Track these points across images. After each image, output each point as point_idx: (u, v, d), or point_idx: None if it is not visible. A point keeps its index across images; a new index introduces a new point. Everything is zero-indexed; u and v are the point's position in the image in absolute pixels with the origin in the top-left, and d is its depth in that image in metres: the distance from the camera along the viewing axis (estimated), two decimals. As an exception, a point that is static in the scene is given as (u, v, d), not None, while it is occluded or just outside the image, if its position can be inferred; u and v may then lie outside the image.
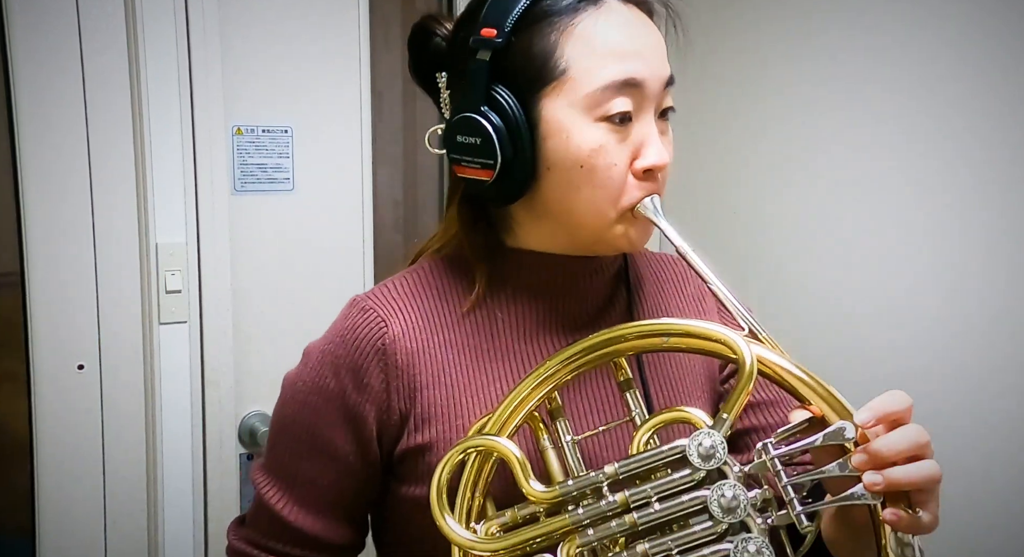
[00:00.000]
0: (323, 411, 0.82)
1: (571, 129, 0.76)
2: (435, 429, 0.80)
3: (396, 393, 0.81)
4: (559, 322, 0.84)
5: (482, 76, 0.77)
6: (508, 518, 0.73)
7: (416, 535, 0.84)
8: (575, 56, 0.76)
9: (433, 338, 0.82)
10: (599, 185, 0.77)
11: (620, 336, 0.73)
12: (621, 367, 0.76)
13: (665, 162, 0.78)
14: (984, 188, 1.52)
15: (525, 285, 0.84)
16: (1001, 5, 1.48)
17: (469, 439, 0.74)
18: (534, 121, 0.77)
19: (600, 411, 0.84)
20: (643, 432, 0.73)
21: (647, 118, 0.78)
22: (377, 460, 0.84)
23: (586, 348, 0.74)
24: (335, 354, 0.82)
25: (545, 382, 0.74)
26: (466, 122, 0.78)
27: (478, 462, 0.74)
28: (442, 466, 0.73)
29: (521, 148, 0.77)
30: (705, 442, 0.68)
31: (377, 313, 0.82)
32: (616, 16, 0.77)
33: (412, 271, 0.87)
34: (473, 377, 0.82)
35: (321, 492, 0.84)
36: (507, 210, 0.84)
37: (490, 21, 0.77)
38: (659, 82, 0.78)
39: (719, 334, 0.72)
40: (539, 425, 0.76)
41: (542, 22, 0.76)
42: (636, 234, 0.80)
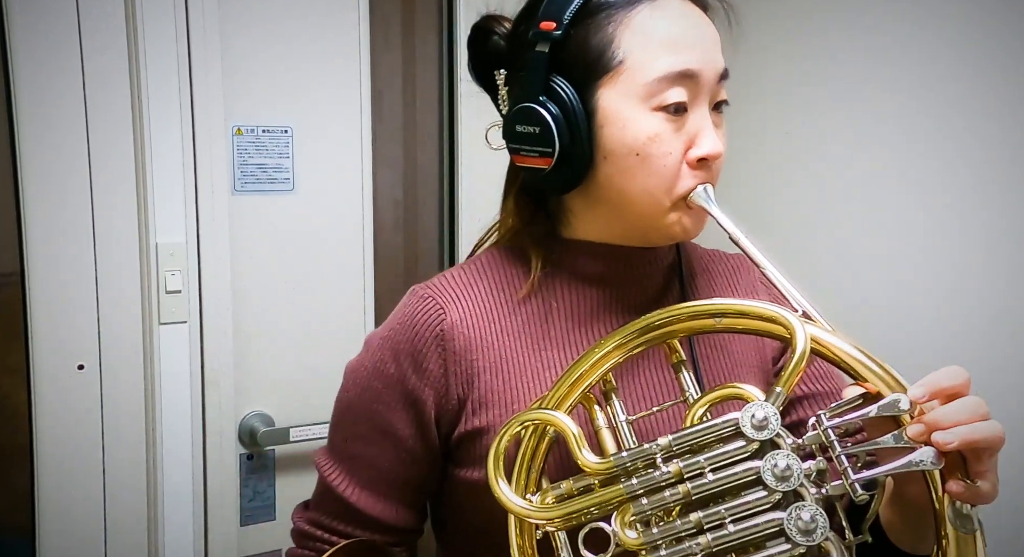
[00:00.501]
0: (384, 395, 0.85)
1: (627, 118, 0.78)
2: (492, 414, 0.83)
3: (454, 378, 0.83)
4: (613, 311, 0.86)
5: (541, 67, 0.79)
6: (563, 489, 0.74)
7: (473, 518, 0.86)
8: (631, 47, 0.78)
9: (490, 325, 0.85)
10: (654, 173, 0.79)
11: (674, 316, 0.74)
12: (674, 349, 0.77)
13: (719, 152, 0.80)
14: (984, 188, 1.52)
15: (580, 274, 0.87)
16: (1001, 5, 1.48)
17: (527, 412, 0.75)
18: (591, 110, 0.79)
19: (654, 392, 0.85)
20: (697, 407, 0.74)
21: (702, 109, 0.80)
22: (436, 444, 0.86)
23: (641, 328, 0.75)
24: (395, 340, 0.85)
25: (600, 362, 0.75)
26: (525, 112, 0.80)
27: (535, 437, 0.75)
28: (500, 437, 0.75)
29: (578, 137, 0.79)
30: (758, 414, 0.69)
31: (436, 301, 0.85)
32: (672, 9, 0.80)
33: (471, 262, 0.90)
34: (528, 363, 0.84)
35: (382, 474, 0.87)
36: (563, 200, 0.86)
37: (549, 14, 0.79)
38: (714, 74, 0.80)
39: (772, 313, 0.72)
40: (593, 405, 0.77)
41: (599, 14, 0.79)
42: (690, 222, 0.82)
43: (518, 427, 0.75)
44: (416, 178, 2.00)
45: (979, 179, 1.53)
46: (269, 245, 1.78)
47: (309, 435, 1.78)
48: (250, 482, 1.80)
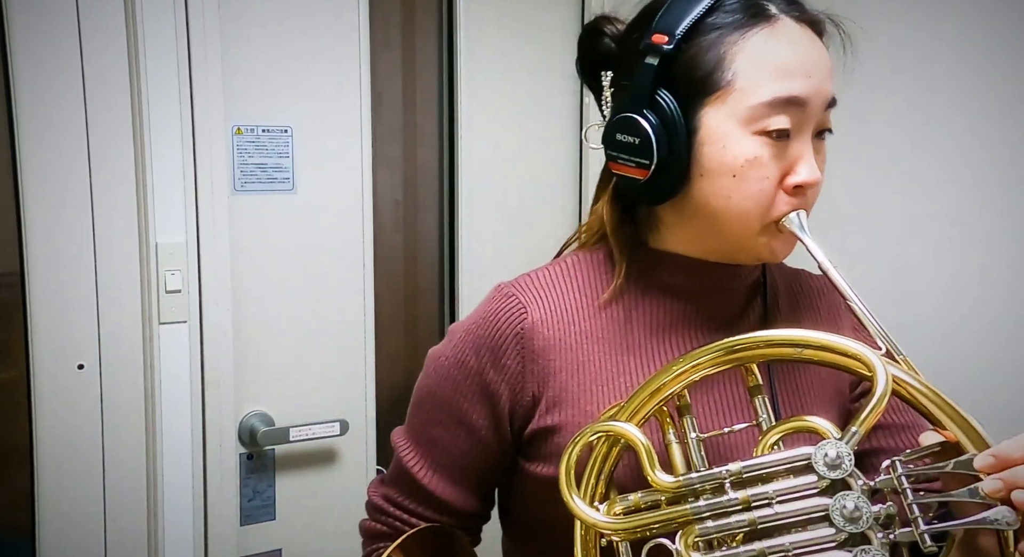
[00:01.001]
0: (462, 385, 0.88)
1: (729, 139, 0.78)
2: (565, 413, 0.85)
3: (530, 376, 0.86)
4: (692, 324, 0.88)
5: (648, 80, 0.80)
6: (632, 502, 0.75)
7: (539, 512, 0.89)
8: (743, 69, 0.78)
9: (570, 327, 0.86)
10: (748, 196, 0.79)
11: (759, 342, 0.75)
12: (752, 372, 0.78)
13: (816, 179, 0.80)
14: (984, 188, 1.52)
15: (663, 285, 0.88)
16: (1001, 5, 1.48)
17: (601, 423, 0.76)
18: (693, 127, 0.79)
19: (726, 412, 0.86)
20: (770, 436, 0.75)
21: (804, 137, 0.80)
22: (508, 436, 0.88)
23: (726, 348, 0.75)
24: (477, 334, 0.88)
25: (680, 377, 0.76)
26: (627, 122, 0.81)
27: (605, 447, 0.76)
28: (572, 446, 0.76)
29: (677, 152, 0.79)
30: (831, 452, 0.69)
31: (519, 299, 0.87)
32: (789, 34, 0.79)
33: (556, 263, 0.92)
34: (604, 367, 0.86)
35: (454, 459, 0.90)
36: (654, 210, 0.87)
37: (662, 28, 0.80)
38: (822, 102, 0.80)
39: (855, 350, 0.73)
40: (666, 419, 0.78)
41: (713, 33, 0.79)
42: (779, 246, 0.83)
43: (592, 436, 0.76)
44: (416, 178, 2.00)
45: (979, 179, 1.53)
46: (269, 245, 1.78)
47: (309, 435, 1.78)
48: (250, 482, 1.80)
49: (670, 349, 0.87)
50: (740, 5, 0.80)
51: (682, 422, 0.78)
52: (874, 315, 0.76)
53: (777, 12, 0.80)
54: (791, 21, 0.80)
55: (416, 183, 2.00)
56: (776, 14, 0.80)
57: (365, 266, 1.87)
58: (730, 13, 0.79)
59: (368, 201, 1.86)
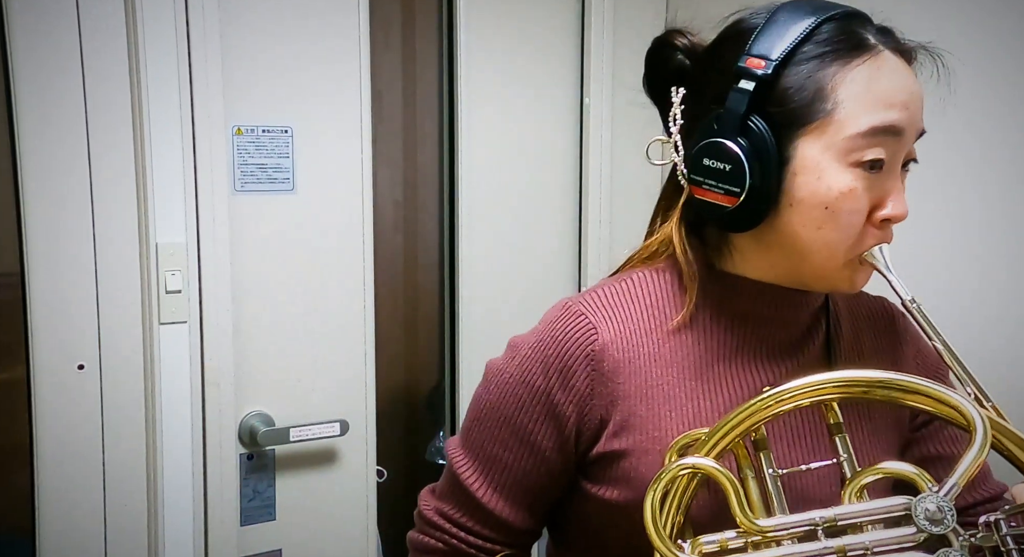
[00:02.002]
0: (528, 405, 0.86)
1: (824, 170, 0.77)
2: (633, 438, 0.83)
3: (600, 398, 0.84)
4: (760, 350, 0.86)
5: (741, 105, 0.78)
6: (719, 543, 0.73)
7: (599, 532, 0.87)
8: (845, 100, 0.76)
9: (639, 350, 0.84)
10: (839, 229, 0.78)
11: (848, 382, 0.73)
12: (831, 409, 0.76)
13: (906, 214, 0.80)
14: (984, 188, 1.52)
15: (734, 311, 0.86)
16: (1001, 5, 1.48)
17: (689, 459, 0.74)
18: (787, 157, 0.78)
19: (802, 447, 0.85)
20: (859, 481, 0.73)
21: (896, 168, 0.79)
22: (572, 458, 0.87)
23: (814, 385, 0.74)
24: (545, 353, 0.85)
25: (761, 413, 0.74)
26: (718, 147, 0.79)
27: (685, 480, 0.74)
28: (657, 482, 0.74)
29: (768, 181, 0.78)
30: (931, 506, 0.67)
31: (589, 319, 0.85)
32: (888, 65, 0.78)
33: (622, 280, 0.89)
34: (673, 393, 0.84)
35: (515, 479, 0.88)
36: (728, 236, 0.86)
37: (758, 52, 0.78)
38: (915, 133, 0.80)
39: (952, 399, 0.72)
40: (743, 452, 0.76)
41: (813, 61, 0.77)
42: (859, 279, 0.82)
43: (680, 472, 0.74)
44: (416, 178, 2.00)
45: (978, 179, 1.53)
46: (269, 245, 1.78)
47: (309, 435, 1.78)
48: (250, 482, 1.80)
49: (740, 375, 0.85)
50: (838, 35, 0.78)
51: (758, 457, 0.76)
52: (960, 357, 0.75)
53: (877, 42, 0.79)
54: (889, 52, 0.79)
55: (416, 183, 2.00)
56: (876, 45, 0.79)
57: (365, 266, 1.87)
58: (828, 42, 0.78)
59: (368, 201, 1.86)
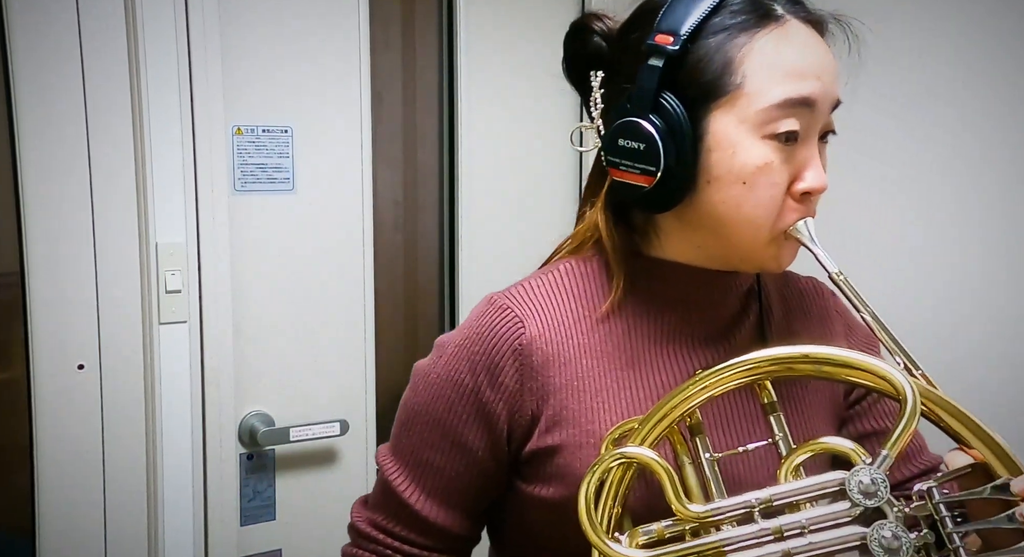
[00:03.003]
0: (456, 405, 0.84)
1: (738, 144, 0.76)
2: (565, 432, 0.81)
3: (529, 394, 0.82)
4: (691, 333, 0.85)
5: (652, 82, 0.76)
6: (655, 533, 0.72)
7: (538, 532, 0.86)
8: (753, 71, 0.75)
9: (568, 341, 0.83)
10: (759, 204, 0.77)
11: (779, 359, 0.72)
12: (765, 388, 0.76)
13: (825, 186, 0.78)
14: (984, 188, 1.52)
15: (663, 296, 0.85)
16: (1001, 5, 1.48)
17: (621, 449, 0.73)
18: (701, 133, 0.77)
19: (737, 429, 0.84)
20: (794, 460, 0.73)
21: (812, 140, 0.78)
22: (505, 457, 0.85)
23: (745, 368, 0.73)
24: (471, 350, 0.83)
25: (695, 397, 0.73)
26: (631, 127, 0.78)
27: (620, 471, 0.73)
28: (591, 474, 0.73)
29: (684, 159, 0.76)
30: (865, 479, 0.67)
31: (515, 312, 0.83)
32: (799, 35, 0.77)
33: (548, 272, 0.88)
34: (604, 383, 0.82)
35: (448, 483, 0.86)
36: (652, 218, 0.84)
37: (666, 28, 0.77)
38: (830, 104, 0.79)
39: (881, 369, 0.71)
40: (678, 439, 0.75)
41: (720, 34, 0.76)
42: (785, 256, 0.81)
43: (612, 463, 0.73)
44: (416, 178, 2.00)
45: (978, 178, 1.53)
46: (269, 245, 1.78)
47: (309, 435, 1.78)
48: (250, 482, 1.80)
49: (672, 361, 0.84)
50: (745, 5, 0.77)
51: (695, 442, 0.75)
52: (889, 327, 0.74)
53: (784, 12, 0.78)
54: (798, 22, 0.78)
55: (416, 183, 2.00)
56: (783, 15, 0.77)
57: (365, 266, 1.87)
58: (736, 14, 0.77)
59: (368, 201, 1.86)
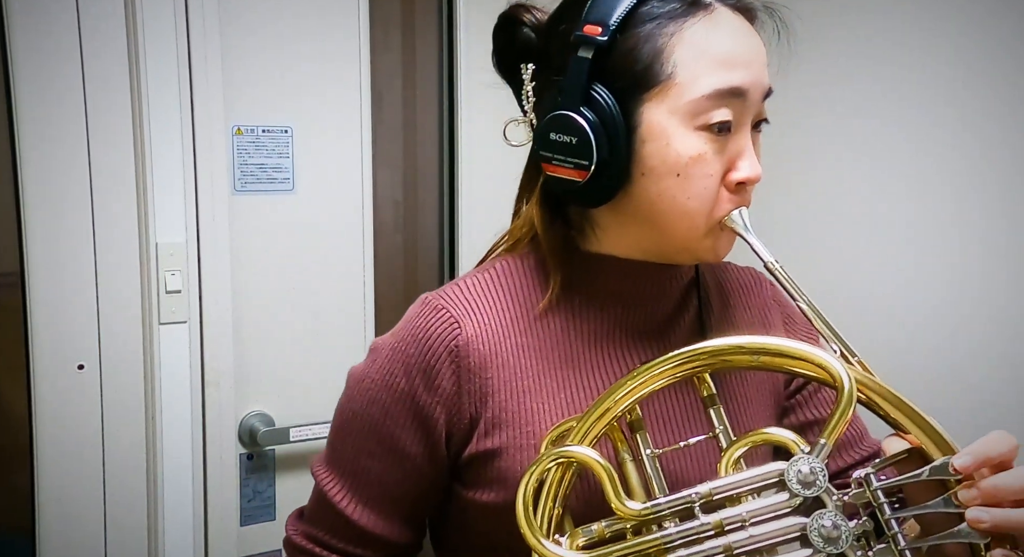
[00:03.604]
0: (392, 410, 0.81)
1: (671, 135, 0.75)
2: (505, 434, 0.79)
3: (467, 396, 0.80)
4: (631, 328, 0.84)
5: (582, 74, 0.75)
6: (595, 533, 0.71)
7: (480, 539, 0.84)
8: (683, 61, 0.74)
9: (505, 341, 0.81)
10: (694, 195, 0.76)
11: (714, 350, 0.71)
12: (704, 381, 0.74)
13: (759, 176, 0.77)
14: (983, 188, 1.52)
15: (601, 291, 0.83)
16: (1001, 5, 1.48)
17: (559, 449, 0.71)
18: (633, 125, 0.75)
19: (678, 424, 0.83)
20: (733, 452, 0.72)
21: (744, 129, 0.77)
22: (444, 462, 0.83)
23: (681, 359, 0.72)
24: (406, 353, 0.81)
25: (632, 393, 0.72)
26: (562, 120, 0.76)
27: (559, 471, 0.72)
28: (528, 475, 0.71)
29: (617, 151, 0.75)
30: (804, 468, 0.67)
31: (450, 313, 0.81)
32: (727, 24, 0.76)
33: (484, 270, 0.86)
34: (544, 382, 0.81)
35: (386, 491, 0.83)
36: (588, 213, 0.83)
37: (594, 18, 0.75)
38: (761, 93, 0.77)
39: (819, 358, 0.70)
40: (618, 436, 0.74)
41: (649, 23, 0.75)
42: (721, 247, 0.80)
43: (550, 463, 0.71)
44: (416, 178, 2.00)
45: (978, 178, 1.53)
46: (269, 245, 1.78)
47: (309, 435, 1.78)
48: (250, 482, 1.80)
49: (611, 358, 0.82)
50: None
51: (635, 438, 0.74)
52: (824, 315, 0.74)
53: (712, 1, 0.76)
54: (727, 10, 0.77)
55: (416, 183, 2.00)
56: (711, 2, 0.76)
57: (365, 266, 1.87)
58: (665, 2, 0.75)
59: (368, 201, 1.86)
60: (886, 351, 1.66)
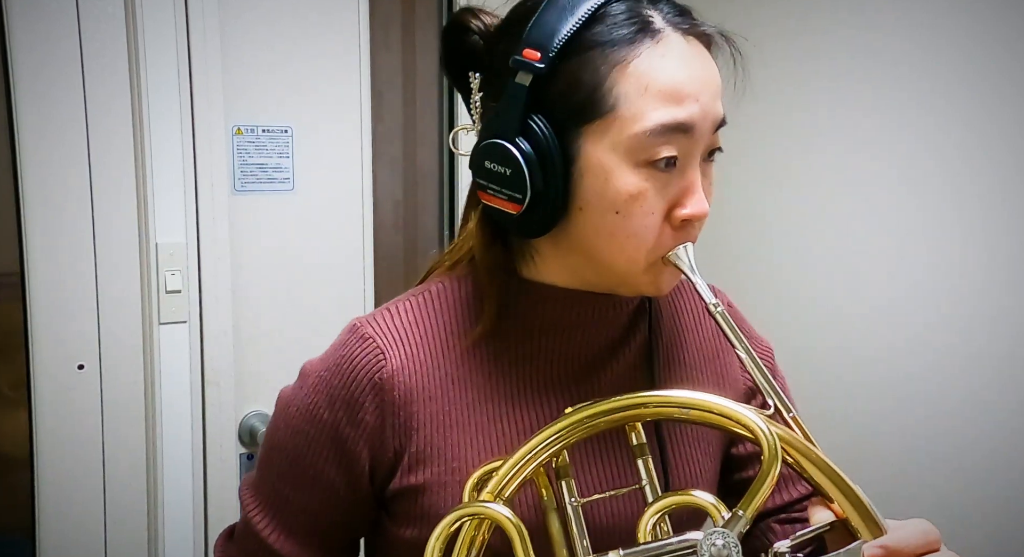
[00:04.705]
0: (315, 441, 0.79)
1: (611, 171, 0.70)
2: (430, 470, 0.77)
3: (391, 430, 0.77)
4: (568, 359, 0.80)
5: (519, 102, 0.70)
6: None
7: None
8: (626, 93, 0.69)
9: (434, 372, 0.78)
10: (633, 233, 0.72)
11: (642, 403, 0.69)
12: (635, 429, 0.72)
13: (705, 213, 0.73)
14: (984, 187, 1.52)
15: (538, 319, 0.80)
16: (1001, 5, 1.48)
17: (467, 506, 0.69)
18: (571, 157, 0.71)
19: (607, 472, 0.80)
20: (651, 515, 0.69)
21: (692, 163, 0.72)
22: (368, 495, 0.81)
23: (606, 410, 0.69)
24: (331, 383, 0.79)
25: (554, 442, 0.69)
26: (497, 149, 0.72)
27: (473, 528, 0.69)
28: (438, 534, 0.68)
29: (554, 185, 0.71)
30: (718, 542, 0.65)
31: (376, 343, 0.78)
32: (675, 52, 0.71)
33: (420, 293, 0.83)
34: (473, 416, 0.78)
35: (308, 520, 0.81)
36: (529, 240, 0.79)
37: (533, 42, 0.70)
38: (711, 125, 0.73)
39: (742, 416, 0.67)
40: (543, 481, 0.71)
41: (592, 51, 0.70)
42: (664, 281, 0.76)
43: (457, 522, 0.68)
44: (416, 178, 2.00)
45: (979, 178, 1.53)
46: (269, 245, 1.78)
47: (309, 435, 1.78)
48: (250, 482, 1.80)
49: (549, 390, 0.79)
50: (621, 18, 0.70)
51: (559, 485, 0.70)
52: (762, 365, 0.71)
53: (663, 26, 0.71)
54: (678, 36, 0.71)
55: (416, 183, 2.00)
56: (661, 28, 0.71)
57: (365, 266, 1.87)
58: (611, 27, 0.70)
59: (368, 201, 1.86)
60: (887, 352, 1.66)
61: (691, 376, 0.87)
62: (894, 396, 1.64)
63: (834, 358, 1.72)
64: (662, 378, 0.84)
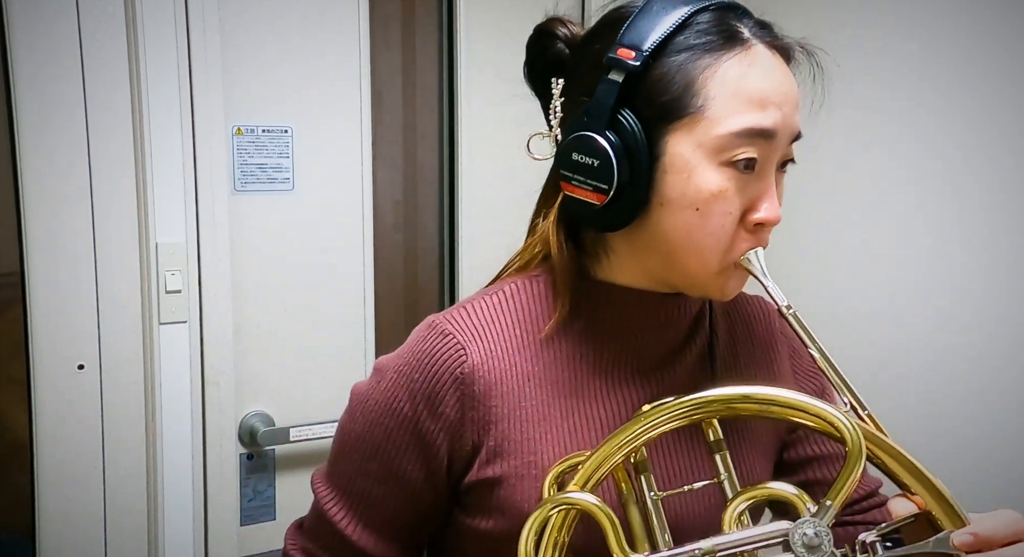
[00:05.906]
0: (394, 434, 0.81)
1: (694, 169, 0.73)
2: (507, 463, 0.79)
3: (471, 423, 0.79)
4: (637, 359, 0.83)
5: (611, 97, 0.74)
6: None
7: None
8: (715, 95, 0.73)
9: (512, 369, 0.80)
10: (710, 232, 0.74)
11: (726, 399, 0.71)
12: (711, 425, 0.74)
13: (778, 219, 0.76)
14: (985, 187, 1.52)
15: (607, 318, 0.82)
16: (1001, 5, 1.48)
17: (561, 495, 0.71)
18: (657, 153, 0.74)
19: (683, 467, 0.82)
20: (737, 505, 0.71)
21: (769, 170, 0.76)
22: (444, 489, 0.83)
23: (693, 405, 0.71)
24: (411, 378, 0.80)
25: (639, 435, 0.71)
26: (586, 142, 0.75)
27: (561, 517, 0.71)
28: (532, 522, 0.70)
29: (638, 178, 0.74)
30: (809, 531, 0.66)
31: (457, 339, 0.80)
32: (763, 62, 0.75)
33: (493, 293, 0.85)
34: (548, 412, 0.80)
35: (385, 514, 0.83)
36: (604, 238, 0.82)
37: (628, 42, 0.74)
38: (789, 135, 0.76)
39: (826, 413, 0.69)
40: (622, 475, 0.74)
41: (684, 53, 0.73)
42: (732, 286, 0.79)
43: (552, 510, 0.71)
44: (416, 178, 2.00)
45: (980, 179, 1.53)
46: (269, 245, 1.78)
47: (309, 435, 1.78)
48: (250, 482, 1.80)
49: (617, 389, 0.82)
50: (712, 26, 0.74)
51: (639, 479, 0.73)
52: (837, 365, 0.73)
53: (750, 37, 0.75)
54: (764, 47, 0.75)
55: (416, 183, 2.00)
56: (749, 38, 0.75)
57: (365, 266, 1.87)
58: (701, 34, 0.74)
59: (368, 201, 1.86)
60: (887, 353, 1.66)
61: (748, 377, 0.89)
62: (894, 396, 1.64)
63: (834, 358, 1.72)
64: (721, 379, 0.86)
